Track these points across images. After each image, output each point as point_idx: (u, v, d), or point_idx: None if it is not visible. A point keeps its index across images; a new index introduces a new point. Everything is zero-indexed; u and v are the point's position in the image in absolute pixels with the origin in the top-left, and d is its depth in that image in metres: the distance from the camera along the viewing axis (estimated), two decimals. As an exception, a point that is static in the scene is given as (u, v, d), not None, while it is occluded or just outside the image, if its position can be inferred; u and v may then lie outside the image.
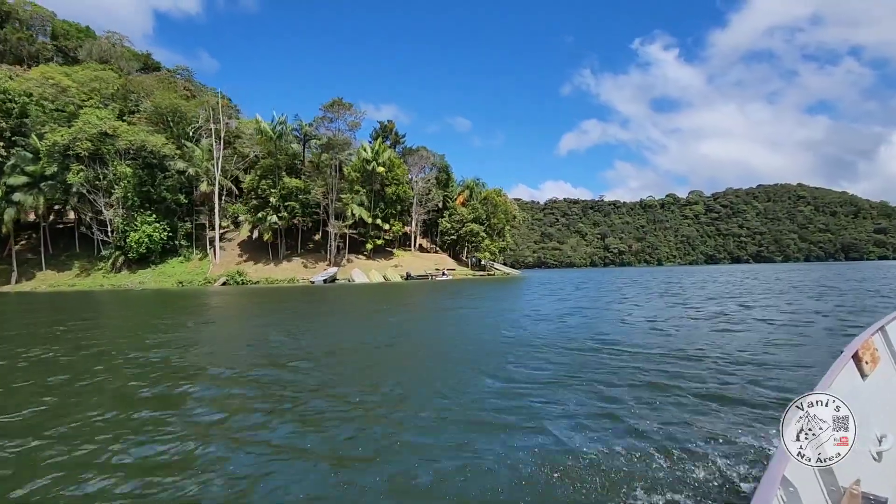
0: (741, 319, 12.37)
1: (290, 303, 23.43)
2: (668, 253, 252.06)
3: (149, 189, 49.93)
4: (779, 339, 9.06)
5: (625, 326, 11.77)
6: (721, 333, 10.01)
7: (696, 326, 11.36)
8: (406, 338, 11.23)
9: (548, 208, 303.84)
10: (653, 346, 8.56)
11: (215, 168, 52.70)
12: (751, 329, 10.60)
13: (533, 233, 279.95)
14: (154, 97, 50.93)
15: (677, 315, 13.80)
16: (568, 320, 13.16)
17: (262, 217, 51.73)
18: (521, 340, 9.70)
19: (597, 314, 14.85)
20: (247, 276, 49.56)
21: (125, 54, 73.10)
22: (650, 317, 13.51)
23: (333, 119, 52.90)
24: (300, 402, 5.58)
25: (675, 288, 28.09)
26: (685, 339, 9.46)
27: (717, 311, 14.28)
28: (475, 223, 65.51)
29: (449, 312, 17.00)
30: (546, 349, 8.58)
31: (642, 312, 14.82)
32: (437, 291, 29.89)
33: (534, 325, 12.31)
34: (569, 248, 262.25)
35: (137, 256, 50.35)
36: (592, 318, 13.67)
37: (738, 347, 8.31)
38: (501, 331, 11.37)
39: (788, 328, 10.55)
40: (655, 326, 11.53)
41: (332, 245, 55.06)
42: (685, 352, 7.97)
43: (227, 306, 22.54)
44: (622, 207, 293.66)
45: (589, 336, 9.95)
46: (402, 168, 59.49)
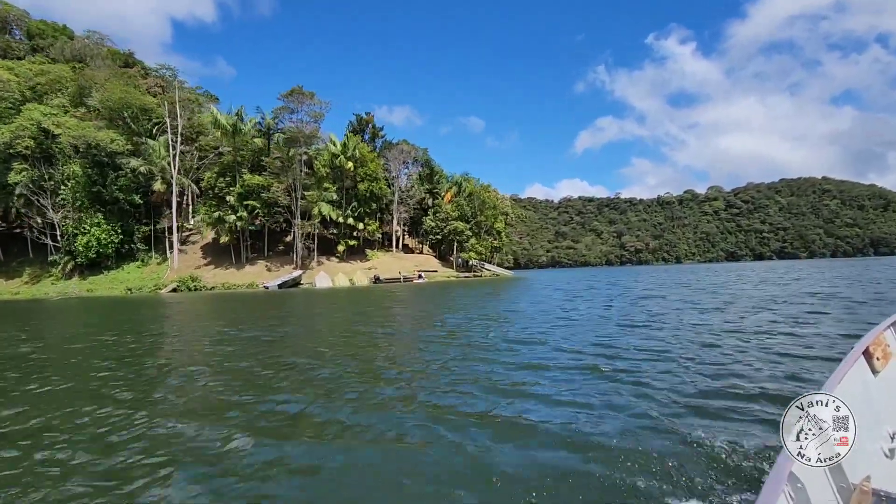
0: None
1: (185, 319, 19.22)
2: (686, 250, 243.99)
3: (99, 189, 46.66)
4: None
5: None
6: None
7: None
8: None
9: (562, 207, 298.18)
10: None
11: (172, 166, 49.16)
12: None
13: (546, 232, 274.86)
14: (104, 91, 47.60)
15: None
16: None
17: (219, 217, 47.98)
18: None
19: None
20: (201, 281, 45.82)
21: (102, 53, 70.54)
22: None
23: (295, 109, 48.84)
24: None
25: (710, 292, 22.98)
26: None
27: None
28: (460, 221, 60.87)
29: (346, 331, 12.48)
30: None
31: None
32: (389, 298, 25.46)
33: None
34: (583, 246, 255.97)
35: (87, 262, 47.11)
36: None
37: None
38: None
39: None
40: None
41: (298, 247, 51.02)
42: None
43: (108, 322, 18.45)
44: (639, 205, 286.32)
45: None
46: (377, 163, 55.22)
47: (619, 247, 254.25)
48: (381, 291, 33.54)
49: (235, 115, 47.81)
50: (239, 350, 9.25)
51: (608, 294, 22.62)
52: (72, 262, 47.36)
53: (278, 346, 9.70)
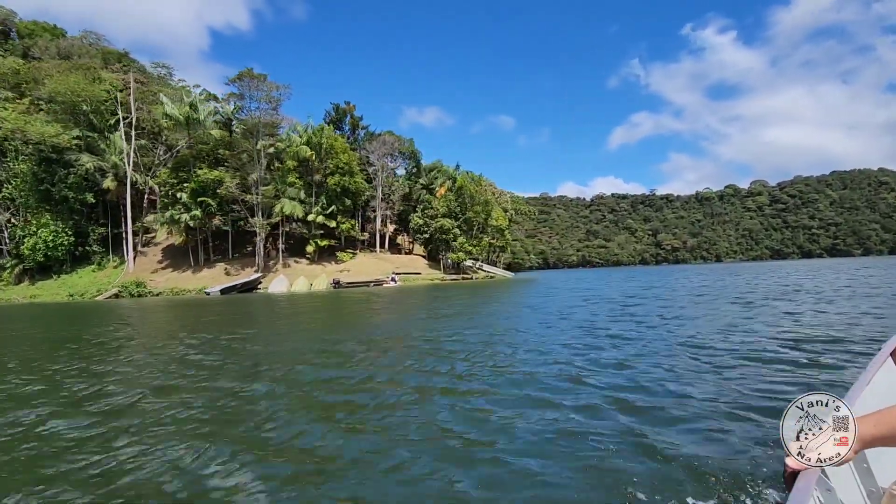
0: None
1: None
2: (727, 248, 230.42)
3: (47, 188, 43.54)
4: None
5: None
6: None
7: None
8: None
9: (594, 205, 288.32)
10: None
11: (127, 162, 45.60)
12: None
13: (577, 231, 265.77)
14: (50, 83, 44.46)
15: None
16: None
17: (171, 217, 44.01)
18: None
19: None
20: (147, 286, 41.93)
21: (92, 52, 68.55)
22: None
23: (246, 95, 44.25)
24: None
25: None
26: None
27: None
28: (447, 218, 55.06)
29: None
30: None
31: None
32: (317, 309, 20.28)
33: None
34: (616, 245, 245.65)
35: (35, 265, 44.10)
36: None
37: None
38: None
39: None
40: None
41: (259, 247, 46.54)
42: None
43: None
44: (676, 201, 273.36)
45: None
46: (350, 154, 50.14)
47: (655, 245, 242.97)
48: (327, 299, 28.31)
49: (188, 105, 43.66)
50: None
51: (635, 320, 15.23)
52: (20, 265, 44.44)
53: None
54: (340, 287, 41.97)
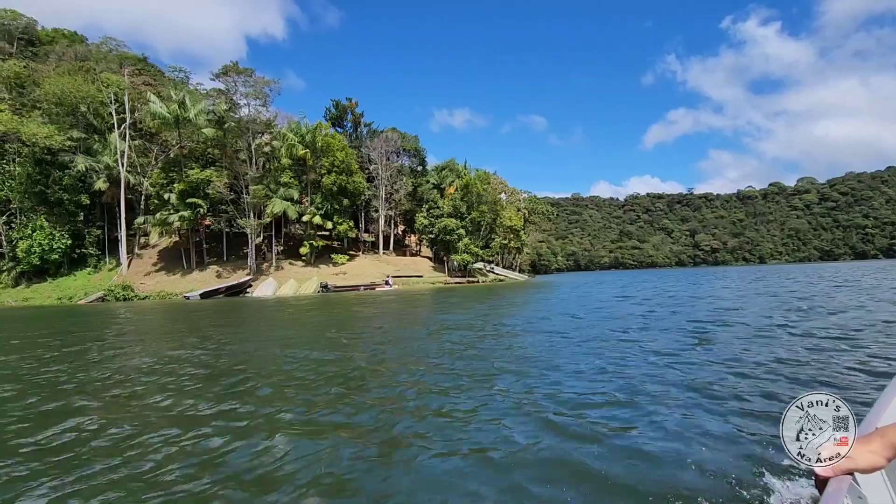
0: None
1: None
2: (771, 249, 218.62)
3: (42, 189, 43.15)
4: None
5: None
6: None
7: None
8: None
9: (628, 205, 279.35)
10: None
11: (119, 163, 44.81)
12: None
13: (610, 231, 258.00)
14: (45, 85, 44.15)
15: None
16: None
17: (160, 218, 42.84)
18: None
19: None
20: (135, 289, 40.83)
21: (110, 57, 69.19)
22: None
23: (229, 91, 42.57)
24: None
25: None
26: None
27: None
28: (451, 218, 52.17)
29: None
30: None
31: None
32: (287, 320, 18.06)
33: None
34: (650, 246, 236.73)
35: (30, 268, 43.77)
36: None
37: None
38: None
39: None
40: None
41: (252, 249, 44.89)
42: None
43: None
44: (715, 200, 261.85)
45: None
46: (347, 152, 47.92)
47: (693, 246, 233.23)
48: (311, 304, 26.04)
49: (176, 102, 42.40)
50: None
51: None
52: (17, 268, 44.25)
53: None
54: (329, 291, 39.70)
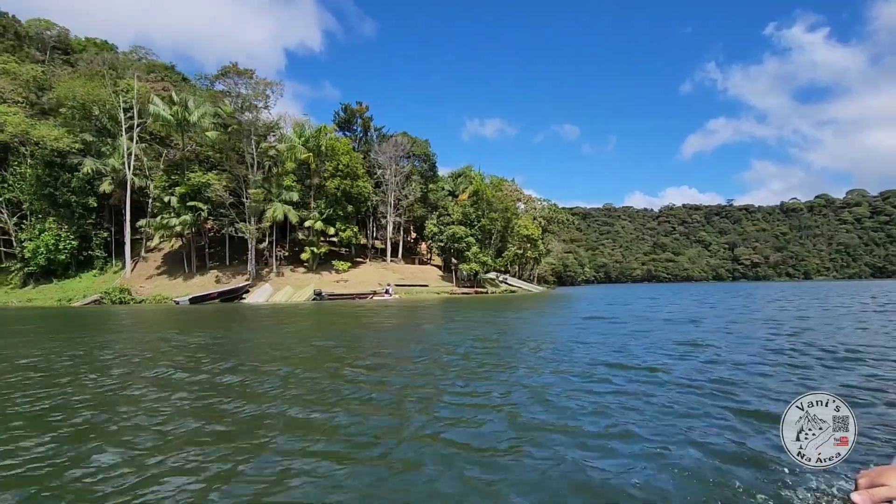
0: None
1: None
2: (818, 265, 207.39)
3: (51, 191, 43.58)
4: None
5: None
6: None
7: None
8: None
9: (662, 216, 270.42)
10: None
11: (126, 166, 44.84)
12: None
13: (643, 243, 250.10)
14: (57, 88, 44.75)
15: None
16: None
17: (162, 222, 42.47)
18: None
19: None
20: (131, 293, 40.43)
21: (138, 65, 70.74)
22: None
23: (230, 93, 41.89)
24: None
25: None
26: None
27: None
28: (460, 226, 50.10)
29: None
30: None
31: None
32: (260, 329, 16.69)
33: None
34: (686, 259, 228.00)
35: (37, 269, 44.15)
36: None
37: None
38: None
39: None
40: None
41: (252, 254, 43.97)
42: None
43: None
44: (757, 213, 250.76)
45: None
46: (352, 156, 46.62)
47: (732, 260, 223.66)
48: (292, 313, 24.60)
49: (178, 105, 42.08)
50: None
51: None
52: (25, 269, 44.73)
53: None
54: (322, 299, 38.19)
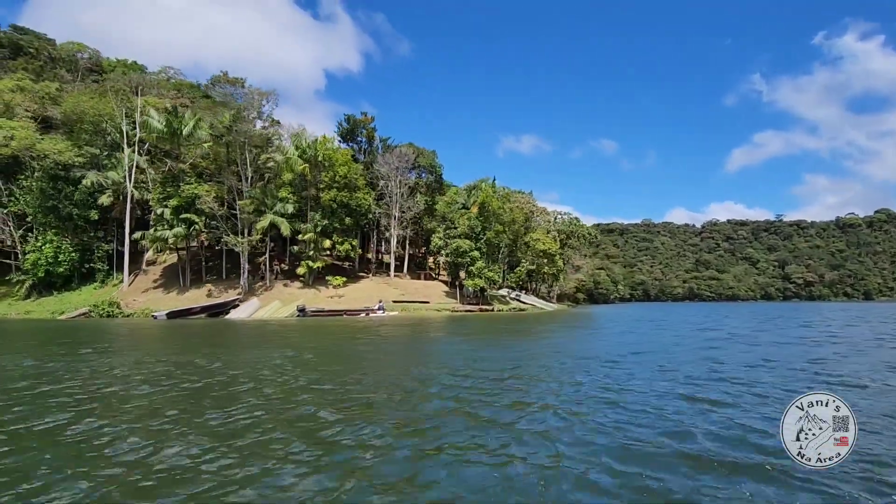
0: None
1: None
2: (879, 284, 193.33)
3: (54, 204, 43.89)
4: None
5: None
6: None
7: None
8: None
9: (705, 232, 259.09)
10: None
11: (127, 178, 44.72)
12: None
13: (684, 260, 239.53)
14: (64, 103, 45.33)
15: None
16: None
17: (156, 234, 41.83)
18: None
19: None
20: (119, 306, 39.72)
21: (166, 84, 72.41)
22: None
23: (225, 102, 41.02)
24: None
25: None
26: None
27: None
28: (464, 239, 47.39)
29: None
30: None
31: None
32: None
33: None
34: (731, 277, 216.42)
35: (38, 281, 44.33)
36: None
37: None
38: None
39: None
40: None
41: (244, 267, 42.67)
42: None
43: None
44: (809, 228, 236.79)
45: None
46: (351, 167, 44.90)
47: (782, 278, 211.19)
48: (260, 332, 22.94)
49: (170, 114, 41.59)
50: None
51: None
52: (28, 281, 45.04)
53: None
54: (305, 315, 36.14)
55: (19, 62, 62.50)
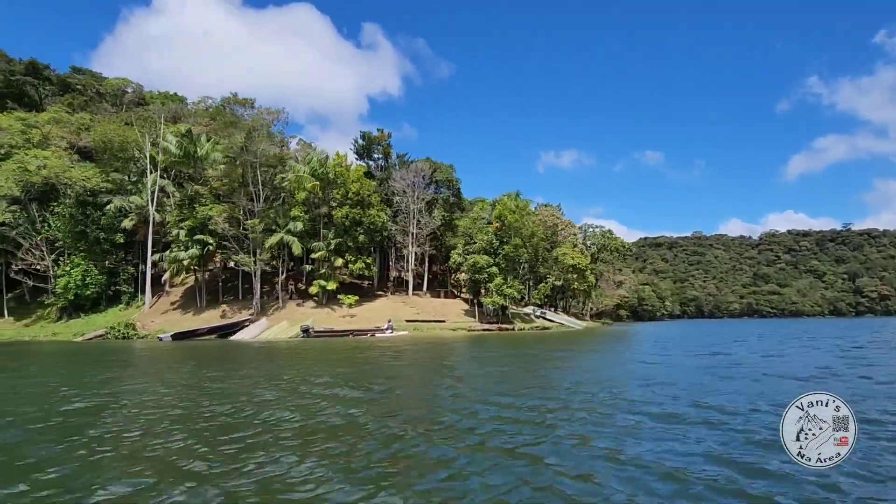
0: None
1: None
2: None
3: (83, 229, 45.48)
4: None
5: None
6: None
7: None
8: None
9: (763, 243, 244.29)
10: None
11: (150, 202, 45.82)
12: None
13: (741, 274, 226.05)
14: (92, 133, 47.24)
15: None
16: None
17: (172, 256, 42.34)
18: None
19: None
20: (135, 328, 40.13)
21: (203, 113, 75.46)
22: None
23: (235, 122, 41.24)
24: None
25: None
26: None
27: None
28: (482, 255, 45.36)
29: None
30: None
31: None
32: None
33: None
34: (794, 292, 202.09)
35: (68, 303, 45.78)
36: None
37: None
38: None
39: None
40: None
41: (256, 288, 42.38)
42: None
43: None
44: (882, 237, 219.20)
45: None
46: (364, 184, 44.10)
47: (854, 292, 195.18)
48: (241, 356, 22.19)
49: (184, 136, 42.29)
50: None
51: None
52: (60, 303, 46.62)
53: None
54: (309, 336, 35.03)
55: (66, 98, 66.59)
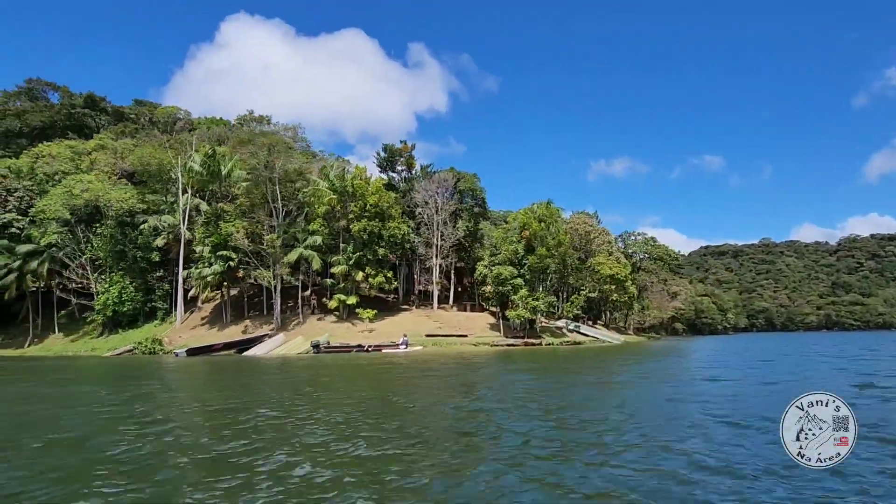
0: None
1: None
2: None
3: (122, 249, 47.54)
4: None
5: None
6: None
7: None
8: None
9: (843, 250, 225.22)
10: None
11: (182, 221, 47.26)
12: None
13: (817, 283, 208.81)
14: (131, 156, 49.57)
15: None
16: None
17: (197, 273, 43.20)
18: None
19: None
20: (162, 344, 41.03)
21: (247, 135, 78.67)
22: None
23: (252, 141, 41.69)
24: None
25: None
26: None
27: None
28: (507, 265, 43.26)
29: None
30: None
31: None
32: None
33: None
34: (880, 302, 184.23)
35: (106, 320, 47.78)
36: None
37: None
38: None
39: None
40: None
41: (276, 303, 42.32)
42: None
43: None
44: None
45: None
46: (383, 196, 43.32)
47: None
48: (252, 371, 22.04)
49: (206, 155, 43.27)
50: None
51: None
52: (101, 320, 48.77)
53: None
54: (319, 352, 34.21)
55: (119, 126, 71.08)
